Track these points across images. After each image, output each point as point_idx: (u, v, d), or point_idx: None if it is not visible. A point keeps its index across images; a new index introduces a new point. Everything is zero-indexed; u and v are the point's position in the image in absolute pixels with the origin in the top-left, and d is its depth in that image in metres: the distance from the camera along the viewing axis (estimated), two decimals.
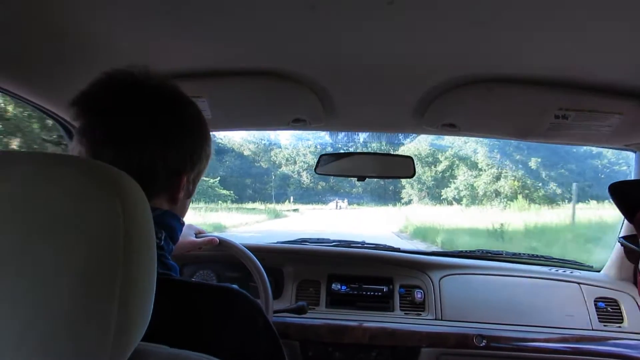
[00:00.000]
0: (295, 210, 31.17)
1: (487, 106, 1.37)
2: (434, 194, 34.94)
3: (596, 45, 1.05)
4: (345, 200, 35.84)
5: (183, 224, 0.90)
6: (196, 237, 1.41)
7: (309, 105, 1.45)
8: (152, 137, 0.78)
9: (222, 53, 1.21)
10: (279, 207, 31.70)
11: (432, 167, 34.66)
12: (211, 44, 1.15)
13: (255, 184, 36.68)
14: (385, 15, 0.94)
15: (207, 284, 0.83)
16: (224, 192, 29.77)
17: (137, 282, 0.51)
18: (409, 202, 35.44)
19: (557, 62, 1.17)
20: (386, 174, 1.89)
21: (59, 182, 0.48)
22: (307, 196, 36.73)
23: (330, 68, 1.27)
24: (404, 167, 1.78)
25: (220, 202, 27.46)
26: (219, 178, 28.79)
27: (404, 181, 34.69)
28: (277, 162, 37.57)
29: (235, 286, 0.83)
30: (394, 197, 37.30)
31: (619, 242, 1.07)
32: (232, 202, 29.56)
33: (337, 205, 34.81)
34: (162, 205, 0.83)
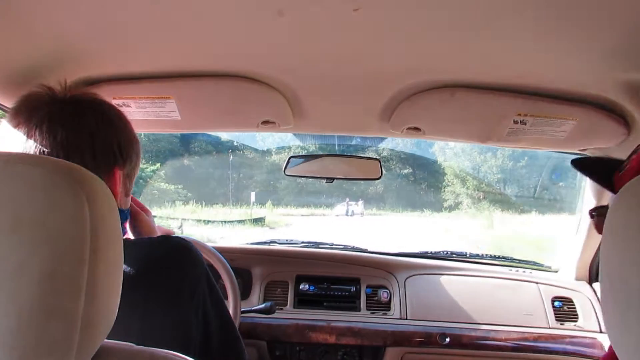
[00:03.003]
0: (256, 220, 19.71)
1: (450, 111, 1.42)
2: (495, 194, 23.71)
3: (551, 55, 1.10)
4: (361, 203, 25.56)
5: (127, 216, 0.97)
6: None
7: (277, 107, 1.46)
8: (75, 139, 0.81)
9: (191, 55, 1.21)
10: (233, 211, 21.74)
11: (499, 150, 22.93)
12: (180, 46, 1.15)
13: (239, 178, 26.91)
14: (351, 22, 0.97)
15: (144, 237, 0.93)
16: (166, 186, 20.71)
17: (104, 279, 0.52)
18: (456, 206, 24.99)
19: (516, 70, 1.22)
20: (354, 175, 1.92)
21: (26, 181, 0.48)
22: (306, 195, 26.59)
23: (297, 71, 1.29)
24: (371, 169, 1.82)
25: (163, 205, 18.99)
26: (158, 165, 19.97)
27: (450, 176, 25.33)
28: (265, 149, 27.50)
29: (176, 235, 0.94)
30: (432, 200, 26.48)
31: (589, 214, 1.05)
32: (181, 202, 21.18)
33: (347, 210, 24.81)
34: None
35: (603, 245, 0.59)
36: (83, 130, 0.82)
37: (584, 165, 1.01)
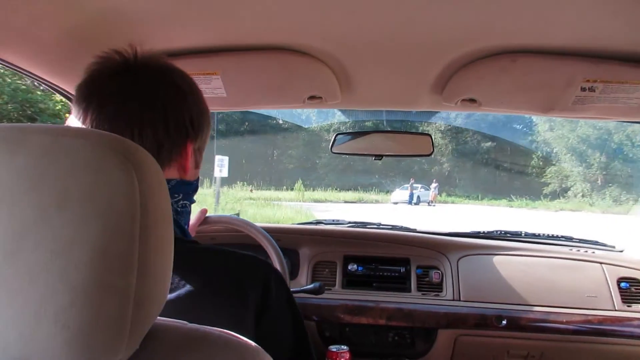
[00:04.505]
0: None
1: (510, 79, 1.33)
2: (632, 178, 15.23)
3: (624, 11, 1.00)
4: (434, 186, 18.48)
5: (196, 188, 0.91)
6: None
7: (324, 81, 1.42)
8: (149, 113, 0.79)
9: (236, 28, 1.18)
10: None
11: None
12: (226, 19, 1.12)
13: (273, 153, 20.59)
14: None
15: (234, 251, 0.85)
16: None
17: (155, 255, 0.51)
18: (562, 193, 17.69)
19: (586, 31, 1.12)
20: (404, 152, 1.87)
21: (74, 155, 0.47)
22: (354, 174, 19.63)
23: (346, 42, 1.23)
24: (422, 144, 1.76)
25: None
26: None
27: (560, 149, 17.57)
28: (303, 116, 20.21)
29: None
30: (521, 184, 18.94)
31: None
32: None
33: (412, 196, 17.77)
34: (174, 176, 0.84)
35: None
36: (156, 105, 0.79)
37: None
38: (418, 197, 18.23)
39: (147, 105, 0.78)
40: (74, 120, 0.79)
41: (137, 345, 0.51)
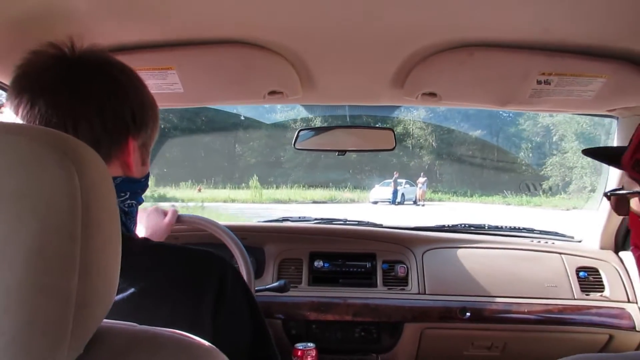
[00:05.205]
0: None
1: (468, 73, 1.34)
2: None
3: (578, 5, 1.02)
4: (423, 182, 16.19)
5: (145, 187, 0.88)
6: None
7: (284, 76, 1.40)
8: (82, 107, 0.75)
9: (192, 21, 1.15)
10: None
11: None
12: (181, 12, 1.09)
13: (235, 146, 17.58)
14: None
15: (188, 247, 0.83)
16: None
17: (99, 254, 0.48)
18: (563, 188, 15.73)
19: (540, 25, 1.14)
20: (367, 147, 1.87)
21: (8, 151, 0.45)
22: (324, 170, 17.07)
23: (304, 36, 1.22)
24: (385, 139, 1.76)
25: None
26: None
27: (566, 135, 15.58)
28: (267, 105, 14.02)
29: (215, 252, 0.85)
30: (509, 179, 16.66)
31: (604, 196, 1.05)
32: None
33: (396, 194, 15.23)
34: (117, 174, 0.80)
35: None
36: (91, 98, 0.75)
37: (594, 153, 1.08)
38: (402, 194, 15.82)
39: (81, 98, 0.75)
40: (9, 116, 0.75)
41: (81, 350, 0.49)
